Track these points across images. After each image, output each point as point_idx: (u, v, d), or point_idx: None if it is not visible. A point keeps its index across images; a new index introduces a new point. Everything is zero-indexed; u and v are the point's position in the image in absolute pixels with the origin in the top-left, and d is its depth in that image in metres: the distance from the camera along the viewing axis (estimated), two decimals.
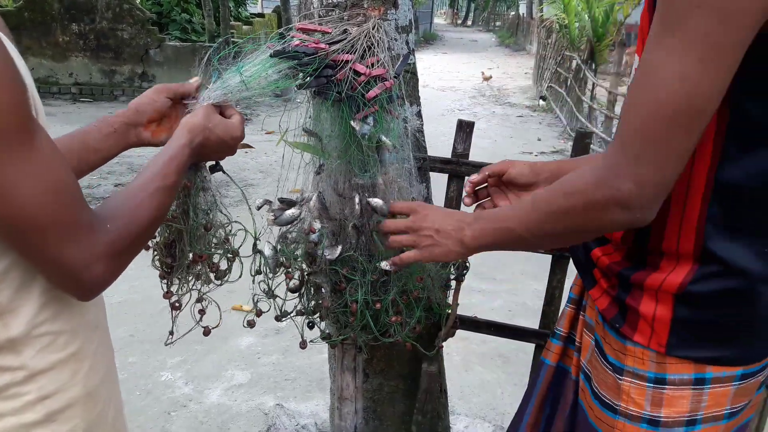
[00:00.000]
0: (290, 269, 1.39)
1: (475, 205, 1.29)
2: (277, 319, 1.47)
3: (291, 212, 1.35)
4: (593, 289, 1.08)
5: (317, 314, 1.50)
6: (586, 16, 10.13)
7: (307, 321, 1.52)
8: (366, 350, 1.57)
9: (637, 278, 0.98)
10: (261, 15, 14.51)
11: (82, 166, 1.10)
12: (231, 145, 1.11)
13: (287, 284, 1.43)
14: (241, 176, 6.27)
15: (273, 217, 1.36)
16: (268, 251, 1.38)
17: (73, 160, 1.07)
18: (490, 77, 14.85)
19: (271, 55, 1.19)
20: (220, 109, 1.14)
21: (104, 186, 5.89)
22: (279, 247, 1.38)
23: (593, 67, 9.94)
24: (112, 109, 9.77)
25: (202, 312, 1.36)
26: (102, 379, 0.95)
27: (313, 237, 1.33)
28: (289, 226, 1.37)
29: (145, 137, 1.16)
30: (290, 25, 1.31)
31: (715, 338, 0.94)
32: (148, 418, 2.71)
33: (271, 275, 1.40)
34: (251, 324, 1.43)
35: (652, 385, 0.98)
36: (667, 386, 0.97)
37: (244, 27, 11.51)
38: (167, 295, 1.31)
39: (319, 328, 1.55)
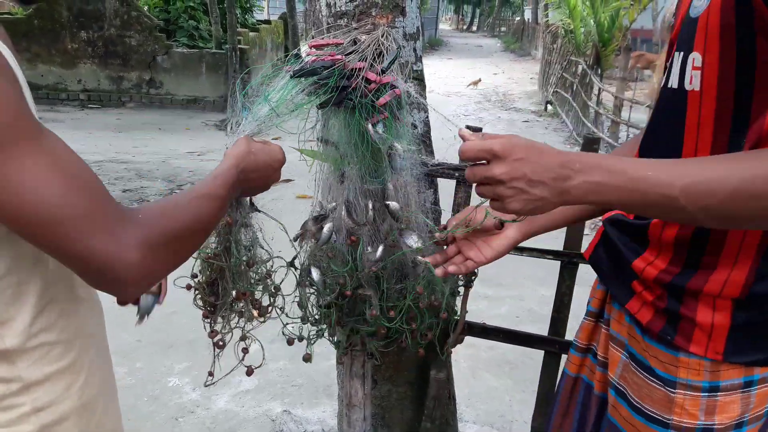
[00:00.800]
0: (345, 285, 1.36)
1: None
2: (300, 339, 1.48)
3: (328, 227, 1.34)
4: (631, 302, 1.04)
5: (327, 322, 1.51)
6: (591, 21, 10.11)
7: (317, 329, 1.52)
8: (377, 357, 1.57)
9: (693, 285, 0.95)
10: (267, 21, 14.55)
11: None
12: (275, 168, 1.12)
13: (329, 299, 1.41)
14: None
15: (315, 241, 1.35)
16: (316, 276, 1.37)
17: None
18: (479, 80, 14.85)
19: (291, 76, 1.20)
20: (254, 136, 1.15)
21: (112, 192, 5.85)
22: (323, 266, 1.37)
23: (599, 72, 9.93)
24: (120, 115, 9.84)
25: (245, 351, 1.35)
26: (99, 391, 0.94)
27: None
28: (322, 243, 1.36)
29: None
30: (302, 45, 1.32)
31: (766, 338, 0.94)
32: (155, 424, 2.71)
33: (324, 297, 1.40)
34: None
35: (707, 394, 0.96)
36: (720, 393, 0.96)
37: (251, 33, 11.55)
38: (212, 334, 1.30)
39: (328, 339, 1.55)
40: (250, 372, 1.35)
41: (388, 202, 1.29)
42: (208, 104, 10.69)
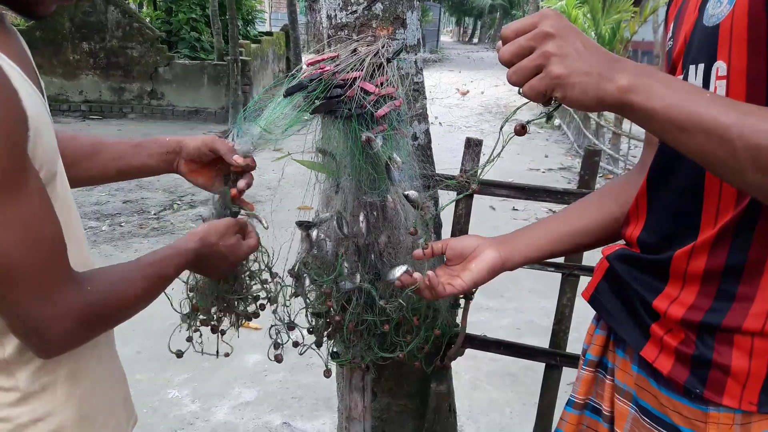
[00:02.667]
0: (330, 295, 1.35)
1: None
2: (295, 344, 1.49)
3: (315, 235, 1.34)
4: (646, 349, 0.93)
5: (326, 332, 1.50)
6: (592, 33, 10.15)
7: (315, 340, 1.51)
8: (374, 370, 1.56)
9: (730, 322, 0.83)
10: (269, 33, 14.61)
11: (125, 170, 1.19)
12: (231, 261, 1.13)
13: (320, 307, 1.42)
14: (249, 193, 6.28)
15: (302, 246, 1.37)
16: (306, 281, 1.39)
17: (124, 163, 1.17)
18: (467, 92, 14.98)
19: (284, 95, 1.22)
20: (241, 226, 1.16)
21: (113, 203, 5.92)
22: (310, 273, 1.38)
23: None
24: (122, 126, 9.87)
25: (222, 332, 1.41)
26: (100, 402, 0.93)
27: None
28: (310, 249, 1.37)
29: (182, 170, 1.22)
30: (300, 65, 1.33)
31: None
32: None
33: (309, 301, 1.42)
34: (279, 359, 1.48)
35: None
36: None
37: (253, 45, 11.60)
38: (194, 307, 1.36)
39: (328, 348, 1.54)
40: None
41: (406, 192, 1.27)
42: (209, 115, 10.72)
